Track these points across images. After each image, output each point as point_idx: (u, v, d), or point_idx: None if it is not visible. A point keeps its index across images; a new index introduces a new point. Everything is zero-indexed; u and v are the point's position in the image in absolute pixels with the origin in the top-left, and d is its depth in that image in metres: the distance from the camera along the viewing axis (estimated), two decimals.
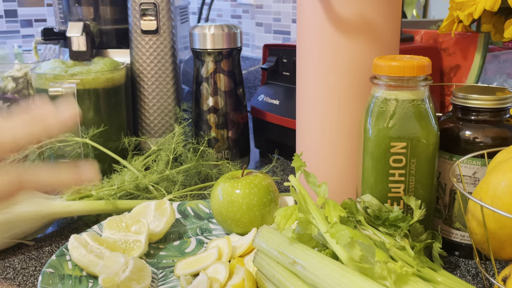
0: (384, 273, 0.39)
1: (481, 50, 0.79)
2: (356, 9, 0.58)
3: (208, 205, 0.70)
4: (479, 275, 0.55)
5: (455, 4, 0.76)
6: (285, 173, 0.87)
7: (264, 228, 0.48)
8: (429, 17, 1.30)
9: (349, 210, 0.50)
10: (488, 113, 0.54)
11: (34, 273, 0.57)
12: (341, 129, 0.62)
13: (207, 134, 0.83)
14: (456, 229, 0.57)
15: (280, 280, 0.44)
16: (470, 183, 0.55)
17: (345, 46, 0.60)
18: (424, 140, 0.52)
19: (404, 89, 0.52)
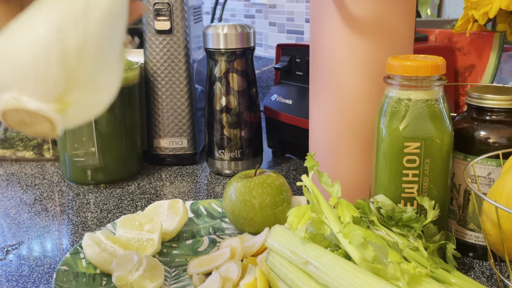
0: (397, 273, 0.38)
1: (497, 49, 0.78)
2: (370, 8, 0.58)
3: (221, 204, 0.70)
4: (493, 276, 0.54)
5: (470, 3, 0.75)
6: (298, 173, 0.87)
7: (277, 227, 0.48)
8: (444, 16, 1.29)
9: (362, 210, 0.50)
10: (504, 113, 0.54)
11: (48, 271, 0.58)
12: (354, 129, 0.62)
13: (220, 133, 0.84)
14: (470, 230, 0.57)
15: (293, 280, 0.44)
16: (484, 183, 0.54)
17: (358, 46, 0.59)
18: (438, 140, 0.52)
19: (418, 89, 0.52)
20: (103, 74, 0.35)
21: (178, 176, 0.86)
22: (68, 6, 0.33)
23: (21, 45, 0.32)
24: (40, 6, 0.33)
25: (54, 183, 0.85)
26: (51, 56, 0.32)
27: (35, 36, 0.32)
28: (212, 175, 0.87)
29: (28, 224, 0.70)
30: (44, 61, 0.32)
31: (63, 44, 0.33)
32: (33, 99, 0.32)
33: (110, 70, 0.35)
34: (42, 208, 0.75)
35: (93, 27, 0.33)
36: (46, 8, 0.33)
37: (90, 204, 0.76)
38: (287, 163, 0.92)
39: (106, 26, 0.34)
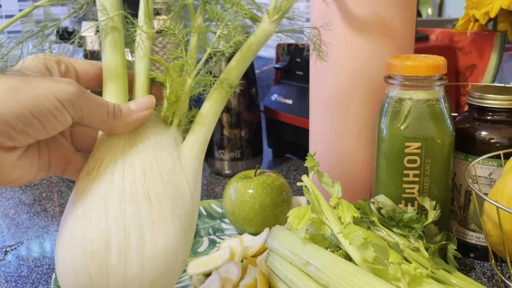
0: (398, 274, 0.38)
1: (498, 49, 0.78)
2: (371, 8, 0.58)
3: (221, 205, 0.70)
4: (494, 277, 0.54)
5: (471, 3, 0.75)
6: (298, 173, 0.86)
7: (277, 228, 0.48)
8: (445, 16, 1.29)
9: (363, 210, 0.50)
10: (505, 113, 0.54)
11: (47, 271, 0.57)
12: (354, 129, 0.62)
13: (220, 133, 0.83)
14: (471, 231, 0.56)
15: (293, 281, 0.44)
16: (485, 184, 0.54)
17: (359, 45, 0.59)
18: (439, 141, 0.51)
19: (419, 88, 0.51)
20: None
21: None
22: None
23: (158, 272, 0.35)
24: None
25: (53, 183, 0.85)
26: (176, 276, 0.37)
27: (172, 264, 0.36)
28: (212, 175, 0.86)
29: (27, 224, 0.70)
30: (171, 285, 0.37)
31: (185, 256, 0.38)
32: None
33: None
34: (41, 208, 0.75)
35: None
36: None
37: None
38: (287, 163, 0.92)
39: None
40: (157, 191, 0.36)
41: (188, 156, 0.39)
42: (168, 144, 0.39)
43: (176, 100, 0.40)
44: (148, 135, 0.38)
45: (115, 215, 0.34)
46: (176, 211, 0.36)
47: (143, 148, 0.37)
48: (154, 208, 0.35)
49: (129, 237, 0.33)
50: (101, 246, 0.33)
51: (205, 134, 0.41)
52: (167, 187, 0.36)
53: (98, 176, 0.36)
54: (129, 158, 0.36)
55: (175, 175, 0.37)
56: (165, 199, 0.36)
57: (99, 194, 0.35)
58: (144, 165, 0.36)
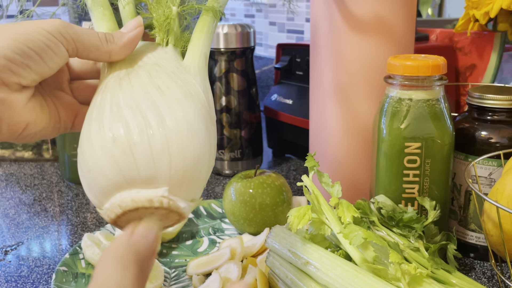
0: (398, 274, 0.38)
1: (498, 49, 0.78)
2: (371, 8, 0.58)
3: (221, 205, 0.70)
4: (494, 277, 0.54)
5: (471, 3, 0.75)
6: (298, 173, 0.86)
7: (277, 228, 0.48)
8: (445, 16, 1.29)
9: (363, 210, 0.50)
10: (505, 113, 0.54)
11: (48, 271, 0.57)
12: (354, 129, 0.62)
13: (220, 133, 0.83)
14: (471, 231, 0.56)
15: (293, 281, 0.44)
16: (485, 184, 0.54)
17: (359, 45, 0.59)
18: (439, 141, 0.51)
19: (419, 88, 0.51)
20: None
21: None
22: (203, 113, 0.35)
23: (185, 144, 0.33)
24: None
25: (53, 183, 0.85)
26: (206, 160, 0.34)
27: (199, 140, 0.34)
28: (212, 175, 0.86)
29: (27, 224, 0.70)
30: (202, 165, 0.34)
31: (212, 150, 0.35)
32: (181, 199, 0.33)
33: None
34: (41, 208, 0.75)
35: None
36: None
37: (90, 204, 0.75)
38: (287, 163, 0.92)
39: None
40: (166, 83, 0.35)
41: (191, 67, 0.39)
42: (169, 58, 0.39)
43: (165, 18, 0.40)
44: (148, 56, 0.39)
45: (127, 103, 0.33)
46: (190, 98, 0.35)
47: (144, 63, 0.38)
48: (166, 94, 0.34)
49: (146, 117, 0.32)
50: (121, 130, 0.32)
51: (203, 48, 0.40)
52: (176, 81, 0.36)
53: (106, 89, 0.36)
54: (133, 71, 0.36)
55: (181, 75, 0.37)
56: (176, 88, 0.35)
57: (110, 96, 0.34)
58: (149, 70, 0.36)
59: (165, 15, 0.40)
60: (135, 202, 0.31)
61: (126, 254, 0.29)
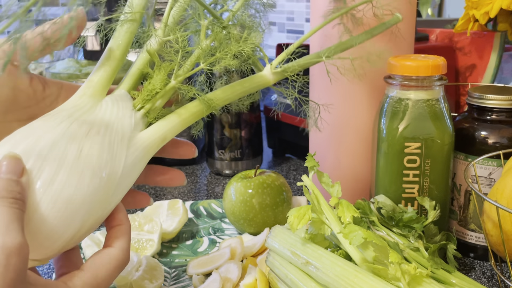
0: (397, 274, 0.38)
1: (497, 49, 0.78)
2: (371, 8, 0.58)
3: (221, 205, 0.70)
4: (494, 277, 0.54)
5: (471, 3, 0.75)
6: (298, 173, 0.86)
7: (277, 228, 0.48)
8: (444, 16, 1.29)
9: (363, 210, 0.50)
10: (504, 113, 0.54)
11: (47, 271, 0.57)
12: (354, 129, 0.62)
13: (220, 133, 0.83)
14: (471, 231, 0.56)
15: (293, 281, 0.44)
16: (485, 184, 0.54)
17: (359, 45, 0.59)
18: (439, 141, 0.51)
19: (419, 88, 0.51)
20: None
21: None
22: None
23: (50, 217, 0.34)
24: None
25: None
26: (63, 240, 0.36)
27: (67, 218, 0.35)
28: (212, 175, 0.87)
29: None
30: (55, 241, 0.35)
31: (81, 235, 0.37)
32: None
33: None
34: None
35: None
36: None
37: None
38: (287, 163, 0.92)
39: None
40: (91, 150, 0.36)
41: (140, 142, 0.40)
42: (127, 124, 0.39)
43: (152, 89, 0.41)
44: (113, 109, 0.39)
45: (44, 144, 0.35)
46: (98, 174, 0.36)
47: (101, 116, 0.38)
48: (80, 160, 0.35)
49: (42, 171, 0.34)
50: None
51: (166, 133, 0.41)
52: (102, 153, 0.37)
53: (46, 118, 0.37)
54: (83, 118, 0.38)
55: (117, 147, 0.38)
56: (95, 160, 0.36)
57: (37, 129, 0.36)
58: (93, 125, 0.37)
59: (154, 86, 0.41)
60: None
61: None
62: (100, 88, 0.41)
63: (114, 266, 0.37)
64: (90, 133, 0.37)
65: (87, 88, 0.40)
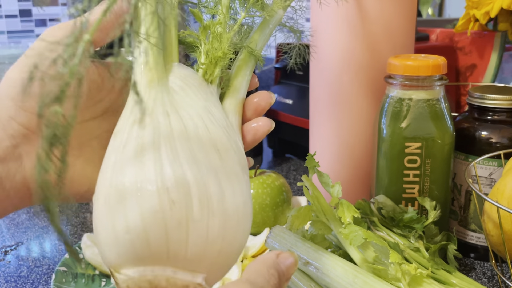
0: (398, 274, 0.38)
1: (498, 49, 0.78)
2: (371, 7, 0.58)
3: None
4: (495, 277, 0.54)
5: (471, 3, 0.75)
6: (298, 173, 0.86)
7: (277, 228, 0.48)
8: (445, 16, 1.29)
9: (363, 211, 0.49)
10: (505, 113, 0.54)
11: (47, 271, 0.57)
12: (355, 129, 0.62)
13: None
14: (471, 231, 0.56)
15: (293, 281, 0.44)
16: (486, 184, 0.54)
17: (359, 45, 0.59)
18: (439, 141, 0.51)
19: (419, 88, 0.51)
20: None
21: None
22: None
23: (237, 232, 0.28)
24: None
25: None
26: (243, 247, 0.30)
27: (246, 227, 0.29)
28: None
29: (27, 224, 0.70)
30: (239, 253, 0.30)
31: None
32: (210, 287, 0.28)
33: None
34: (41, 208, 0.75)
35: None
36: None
37: (89, 204, 0.75)
38: (287, 163, 0.92)
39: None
40: (223, 143, 0.30)
41: (232, 117, 0.35)
42: (215, 101, 0.34)
43: (223, 55, 0.35)
44: (193, 89, 0.33)
45: (187, 160, 0.27)
46: (243, 169, 0.30)
47: (193, 102, 0.31)
48: (224, 159, 0.29)
49: (208, 189, 0.27)
50: (182, 195, 0.26)
51: (242, 96, 0.36)
52: (231, 142, 0.31)
53: (153, 123, 0.28)
54: (183, 108, 0.30)
55: (231, 133, 0.32)
56: (232, 153, 0.30)
57: (163, 140, 0.28)
58: (201, 115, 0.30)
59: (224, 51, 0.35)
60: (169, 283, 0.26)
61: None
62: (161, 67, 0.33)
63: None
64: (207, 125, 0.30)
65: (147, 74, 0.32)
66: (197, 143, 0.29)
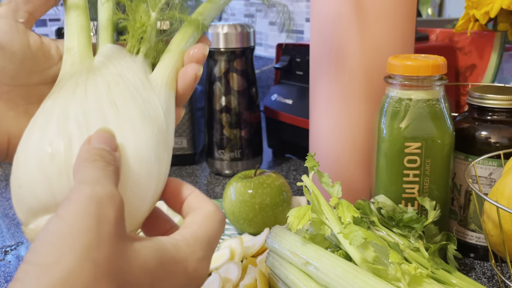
0: (398, 274, 0.38)
1: (498, 49, 0.78)
2: (371, 7, 0.58)
3: (221, 205, 0.70)
4: (494, 277, 0.54)
5: (471, 3, 0.75)
6: (298, 173, 0.86)
7: (277, 228, 0.48)
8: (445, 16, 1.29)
9: (363, 210, 0.49)
10: (505, 113, 0.54)
11: None
12: (354, 129, 0.62)
13: (220, 133, 0.83)
14: (471, 231, 0.56)
15: (293, 281, 0.44)
16: (486, 184, 0.54)
17: (359, 45, 0.59)
18: (439, 141, 0.51)
19: (419, 88, 0.51)
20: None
21: (178, 176, 0.86)
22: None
23: (128, 176, 0.31)
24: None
25: None
26: (150, 193, 0.33)
27: (145, 172, 0.32)
28: (211, 175, 0.86)
29: None
30: (144, 199, 0.32)
31: (159, 182, 0.34)
32: None
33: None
34: None
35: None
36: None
37: None
38: (287, 163, 0.92)
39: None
40: (124, 99, 0.33)
41: (158, 81, 0.37)
42: (135, 69, 0.36)
43: (140, 26, 0.38)
44: (113, 63, 0.36)
45: (76, 118, 0.31)
46: (146, 120, 0.33)
47: (107, 71, 0.35)
48: (121, 112, 0.32)
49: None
50: (61, 147, 0.30)
51: (176, 63, 0.38)
52: (135, 97, 0.34)
53: (59, 94, 0.33)
54: (93, 79, 0.34)
55: (144, 92, 0.35)
56: (133, 106, 0.33)
57: (60, 104, 0.32)
58: (109, 81, 0.34)
59: (141, 22, 0.38)
60: None
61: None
62: (85, 49, 0.37)
63: (218, 221, 0.33)
64: (111, 87, 0.34)
65: (71, 56, 0.37)
66: (93, 104, 0.32)
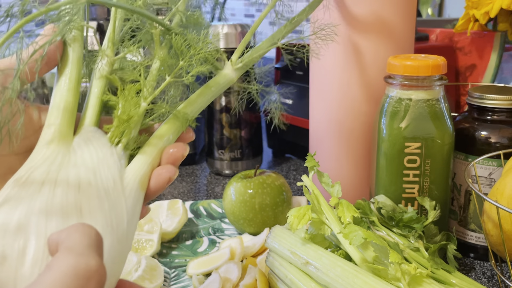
0: (398, 274, 0.38)
1: (498, 49, 0.78)
2: (371, 8, 0.58)
3: (221, 205, 0.70)
4: (494, 277, 0.54)
5: (471, 3, 0.75)
6: (298, 173, 0.86)
7: (277, 228, 0.48)
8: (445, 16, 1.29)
9: (363, 210, 0.50)
10: (505, 113, 0.54)
11: None
12: (354, 129, 0.62)
13: (220, 133, 0.83)
14: (471, 231, 0.56)
15: (293, 281, 0.44)
16: (485, 184, 0.54)
17: (359, 45, 0.59)
18: (439, 140, 0.51)
19: (419, 88, 0.51)
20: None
21: (178, 176, 0.86)
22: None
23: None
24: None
25: None
26: None
27: None
28: (211, 175, 0.86)
29: None
30: None
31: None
32: None
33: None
34: None
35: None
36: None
37: None
38: (287, 163, 0.92)
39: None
40: (90, 205, 0.32)
41: (131, 178, 0.36)
42: (111, 163, 0.36)
43: (127, 119, 0.37)
44: (90, 152, 0.35)
45: (37, 222, 0.30)
46: (107, 231, 0.32)
47: (82, 162, 0.34)
48: (84, 220, 0.31)
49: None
50: (14, 253, 0.29)
51: (153, 162, 0.38)
52: (103, 204, 0.33)
53: (26, 183, 0.32)
54: (65, 171, 0.33)
55: (113, 194, 0.34)
56: (98, 215, 0.32)
57: (24, 201, 0.31)
58: (81, 179, 0.33)
59: (129, 115, 0.37)
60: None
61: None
62: (66, 129, 0.36)
63: None
64: (81, 188, 0.33)
65: (51, 133, 0.36)
66: (58, 205, 0.31)
